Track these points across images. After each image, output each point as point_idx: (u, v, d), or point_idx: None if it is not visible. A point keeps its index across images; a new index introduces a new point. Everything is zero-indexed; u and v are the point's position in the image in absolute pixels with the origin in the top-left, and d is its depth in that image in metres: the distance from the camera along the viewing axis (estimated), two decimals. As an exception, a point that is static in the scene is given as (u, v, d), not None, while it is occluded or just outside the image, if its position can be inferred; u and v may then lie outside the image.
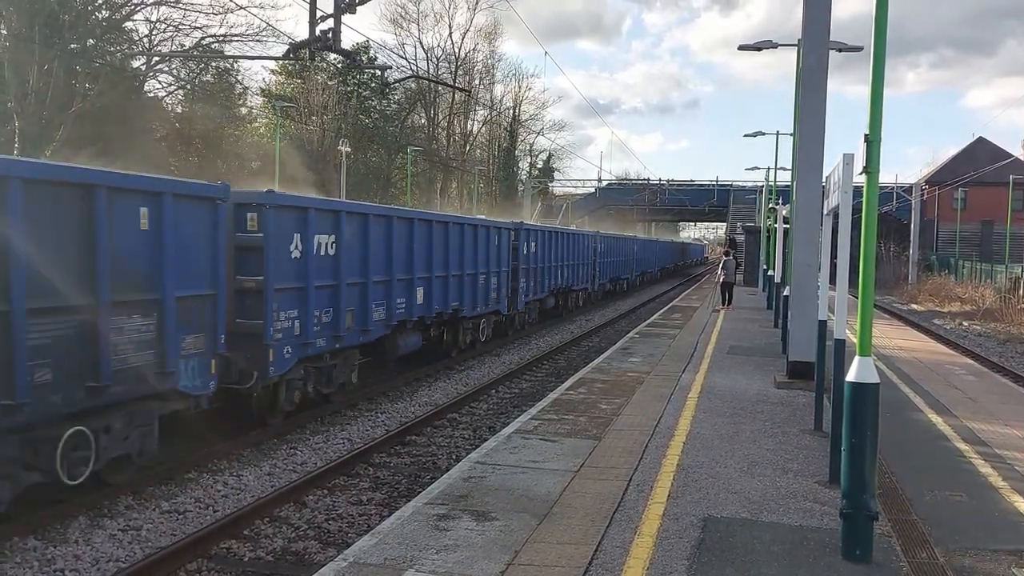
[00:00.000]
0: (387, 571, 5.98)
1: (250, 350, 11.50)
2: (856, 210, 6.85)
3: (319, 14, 17.08)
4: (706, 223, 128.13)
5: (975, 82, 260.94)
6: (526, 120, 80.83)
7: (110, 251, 8.77)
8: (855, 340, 6.51)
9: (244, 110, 51.71)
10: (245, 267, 11.62)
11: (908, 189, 64.67)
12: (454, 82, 61.86)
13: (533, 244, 26.52)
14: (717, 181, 78.78)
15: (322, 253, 13.20)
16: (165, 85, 43.92)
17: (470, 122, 74.39)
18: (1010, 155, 64.18)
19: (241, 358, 11.41)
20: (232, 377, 11.33)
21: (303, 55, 19.04)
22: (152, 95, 42.46)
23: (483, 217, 25.75)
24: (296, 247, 12.52)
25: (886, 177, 67.05)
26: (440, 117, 69.41)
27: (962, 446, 10.25)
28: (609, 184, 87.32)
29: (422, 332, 17.91)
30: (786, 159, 43.50)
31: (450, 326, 19.78)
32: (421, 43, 69.74)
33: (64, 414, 8.47)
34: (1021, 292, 37.95)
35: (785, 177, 35.46)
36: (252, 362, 11.54)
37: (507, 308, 23.67)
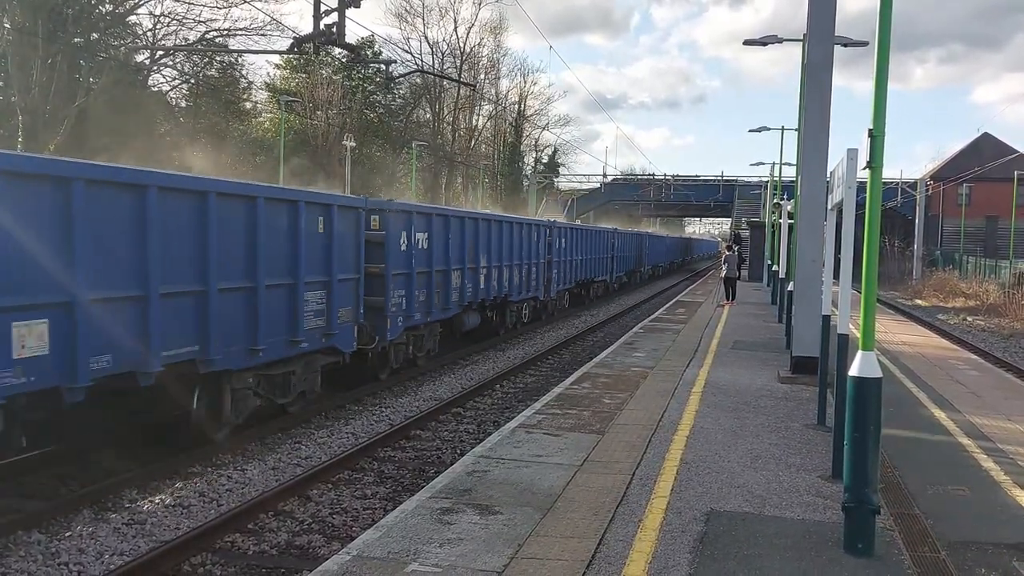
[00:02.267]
0: (391, 564, 6.00)
1: (374, 320, 15.06)
2: (860, 205, 6.85)
3: (323, 8, 17.09)
4: (711, 219, 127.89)
5: (983, 77, 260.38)
6: (531, 115, 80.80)
7: (305, 247, 12.27)
8: (858, 335, 6.51)
9: (248, 104, 51.71)
10: (371, 257, 14.95)
11: (913, 185, 64.51)
12: (459, 77, 61.84)
13: (563, 240, 30.08)
14: (722, 177, 78.65)
15: (420, 247, 16.87)
16: (169, 79, 44.02)
17: (475, 117, 74.37)
18: (1015, 150, 64.01)
19: (368, 326, 14.81)
20: (363, 340, 14.62)
21: (307, 49, 19.07)
22: (156, 89, 42.52)
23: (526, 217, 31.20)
24: (404, 242, 16.14)
25: (892, 173, 66.91)
26: (445, 112, 69.36)
27: (965, 441, 10.25)
28: (614, 179, 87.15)
29: (481, 312, 21.73)
30: (791, 154, 43.50)
31: (500, 308, 23.48)
32: (426, 38, 69.67)
33: (277, 359, 11.90)
34: (1025, 288, 37.88)
35: (790, 172, 35.46)
36: (375, 329, 15.10)
37: (543, 295, 27.74)
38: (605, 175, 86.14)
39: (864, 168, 6.49)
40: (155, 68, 41.54)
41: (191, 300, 10.04)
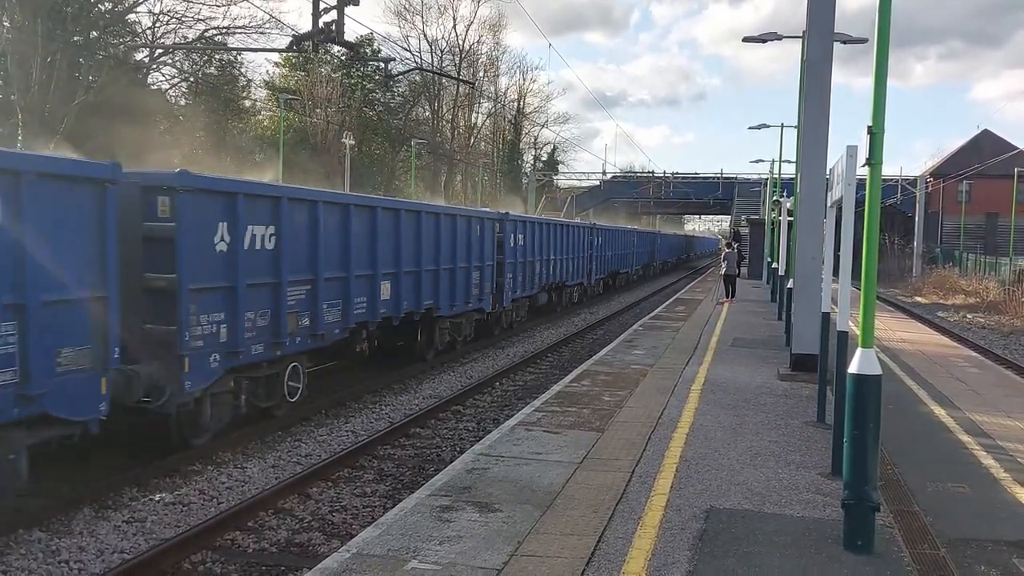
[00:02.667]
0: (391, 562, 6.00)
1: (493, 299, 21.34)
2: (860, 203, 6.85)
3: (322, 6, 17.07)
4: (711, 216, 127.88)
5: (983, 74, 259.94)
6: (530, 113, 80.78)
7: (475, 245, 19.29)
8: (858, 333, 6.51)
9: (248, 103, 51.68)
10: (500, 252, 21.24)
11: (913, 182, 64.48)
12: (458, 75, 61.80)
13: (599, 238, 34.44)
14: (721, 174, 78.61)
15: (519, 244, 22.59)
16: (168, 77, 43.97)
17: (474, 115, 74.36)
18: (1015, 147, 63.96)
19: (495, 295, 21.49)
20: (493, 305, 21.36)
21: (306, 47, 19.05)
22: (156, 87, 42.47)
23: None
24: (511, 242, 22.63)
25: (891, 170, 66.91)
26: (444, 110, 69.35)
27: (964, 438, 10.26)
28: (614, 177, 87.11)
29: (548, 293, 27.86)
30: (791, 152, 43.46)
31: (559, 291, 29.76)
32: (425, 35, 69.65)
33: (460, 312, 16.46)
34: (1025, 285, 37.88)
35: (789, 170, 35.45)
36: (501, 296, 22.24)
37: (587, 281, 32.32)
38: (604, 173, 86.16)
39: (864, 165, 6.49)
40: (154, 66, 41.50)
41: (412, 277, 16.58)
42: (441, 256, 18.07)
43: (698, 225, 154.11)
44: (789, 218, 23.26)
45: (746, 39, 26.00)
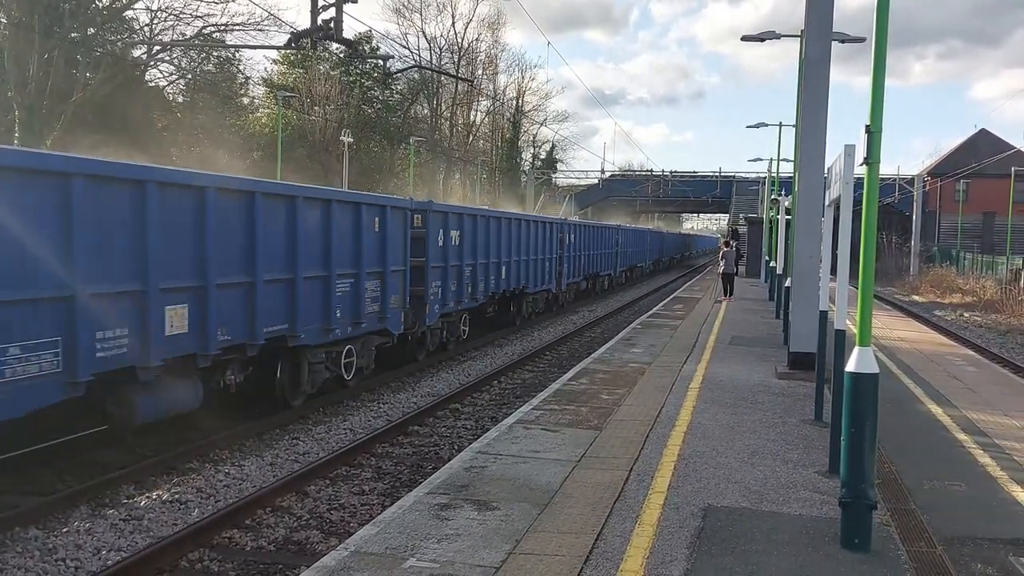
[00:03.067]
0: (388, 560, 6.00)
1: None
2: (857, 201, 6.85)
3: (321, 3, 17.08)
4: (709, 215, 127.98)
5: (982, 74, 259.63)
6: (529, 111, 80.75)
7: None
8: (856, 331, 6.52)
9: (246, 100, 51.63)
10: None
11: (910, 181, 64.54)
12: (457, 72, 61.75)
13: (623, 237, 43.07)
14: (720, 172, 78.66)
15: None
16: (166, 74, 43.92)
17: (473, 112, 74.33)
18: (1013, 147, 64.01)
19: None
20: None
21: (305, 44, 19.03)
22: (153, 84, 42.42)
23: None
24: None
25: (889, 169, 67.03)
26: (443, 107, 69.32)
27: (961, 436, 10.27)
28: (612, 175, 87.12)
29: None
30: (789, 150, 43.44)
31: (595, 280, 37.76)
32: (424, 33, 69.68)
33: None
34: (1022, 284, 37.91)
35: (788, 168, 35.45)
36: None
37: (615, 272, 41.29)
38: (603, 171, 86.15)
39: (861, 164, 6.49)
40: (152, 63, 41.46)
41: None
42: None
43: (696, 224, 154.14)
44: (787, 217, 23.29)
45: (745, 38, 25.98)
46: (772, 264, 29.79)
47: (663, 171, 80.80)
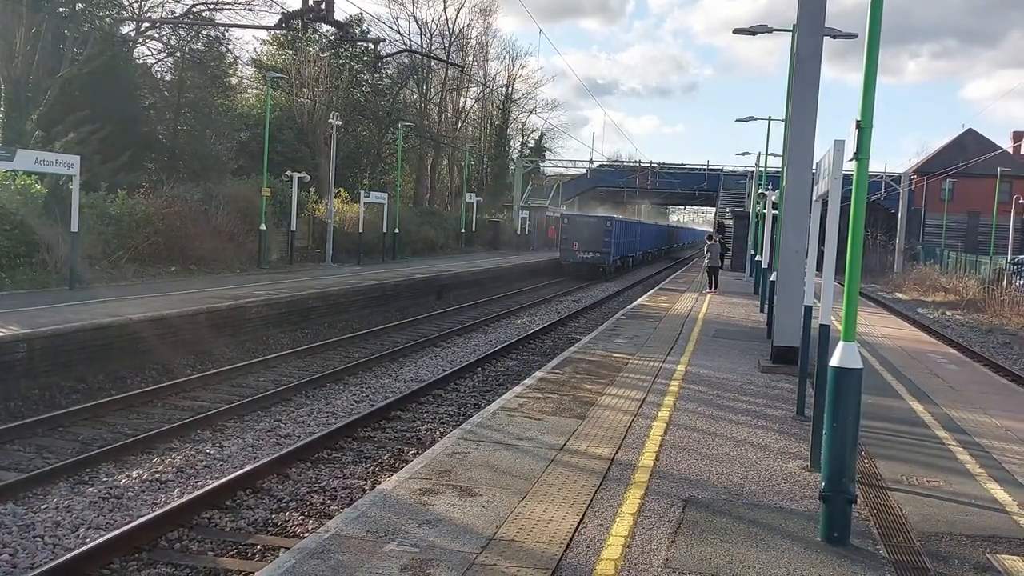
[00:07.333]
0: (369, 544, 5.99)
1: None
2: (845, 198, 6.86)
3: (312, -16, 16.93)
4: (695, 207, 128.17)
5: (976, 73, 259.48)
6: (519, 99, 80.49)
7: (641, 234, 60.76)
8: (840, 326, 6.54)
9: (234, 80, 51.23)
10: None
11: (897, 178, 64.81)
12: (447, 58, 61.43)
13: (643, 229, 61.63)
14: (708, 165, 78.73)
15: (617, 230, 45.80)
16: (155, 52, 43.49)
17: (462, 99, 73.93)
18: (999, 147, 64.41)
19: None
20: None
21: (295, 26, 18.89)
22: (141, 62, 42.01)
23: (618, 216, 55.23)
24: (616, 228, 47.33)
25: (876, 166, 67.16)
26: (432, 93, 68.92)
27: (941, 433, 10.34)
28: (600, 165, 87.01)
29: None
30: (778, 145, 43.54)
31: (627, 259, 51.61)
32: (415, 17, 69.27)
33: (623, 255, 51.93)
34: (1004, 283, 38.21)
35: (776, 163, 35.53)
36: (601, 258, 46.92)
37: (637, 253, 56.77)
38: (592, 161, 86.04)
39: (851, 160, 6.49)
40: (140, 40, 41.02)
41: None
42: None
43: (683, 216, 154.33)
44: (774, 211, 23.35)
45: (737, 31, 26.01)
46: (758, 258, 29.90)
47: (651, 162, 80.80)
